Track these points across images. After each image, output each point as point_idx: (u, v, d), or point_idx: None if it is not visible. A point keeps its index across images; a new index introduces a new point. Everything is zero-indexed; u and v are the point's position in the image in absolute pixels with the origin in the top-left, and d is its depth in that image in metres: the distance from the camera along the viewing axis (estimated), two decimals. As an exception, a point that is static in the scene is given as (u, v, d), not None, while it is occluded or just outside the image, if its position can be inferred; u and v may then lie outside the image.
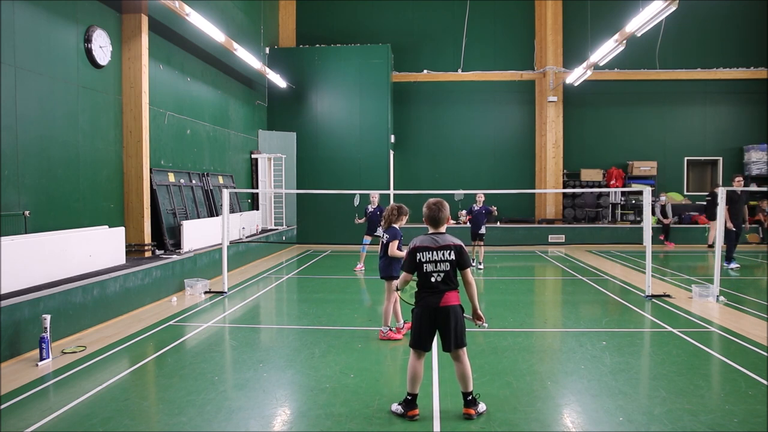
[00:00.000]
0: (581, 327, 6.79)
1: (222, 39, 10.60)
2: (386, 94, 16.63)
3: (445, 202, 4.19)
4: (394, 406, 4.10)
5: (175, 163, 10.68)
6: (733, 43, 17.59)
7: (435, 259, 3.98)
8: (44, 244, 6.49)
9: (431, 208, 4.14)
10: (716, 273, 8.24)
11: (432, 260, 3.98)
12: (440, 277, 3.97)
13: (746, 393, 4.47)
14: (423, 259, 3.99)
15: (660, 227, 15.95)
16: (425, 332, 4.02)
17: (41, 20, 7.07)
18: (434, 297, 3.97)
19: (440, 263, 3.98)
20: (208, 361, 5.43)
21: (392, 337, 6.08)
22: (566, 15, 17.47)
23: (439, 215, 4.11)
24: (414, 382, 4.03)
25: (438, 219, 4.12)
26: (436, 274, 3.98)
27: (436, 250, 3.99)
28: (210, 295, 8.73)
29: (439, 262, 3.98)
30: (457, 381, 4.12)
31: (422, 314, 4.01)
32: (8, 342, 5.35)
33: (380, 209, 11.00)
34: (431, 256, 3.99)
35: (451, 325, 3.96)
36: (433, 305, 3.96)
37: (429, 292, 3.99)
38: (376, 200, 11.14)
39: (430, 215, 4.15)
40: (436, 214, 4.12)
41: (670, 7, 9.06)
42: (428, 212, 4.16)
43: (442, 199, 4.22)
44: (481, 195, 11.05)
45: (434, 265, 3.98)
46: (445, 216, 4.15)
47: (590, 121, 17.97)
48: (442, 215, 4.12)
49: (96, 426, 3.89)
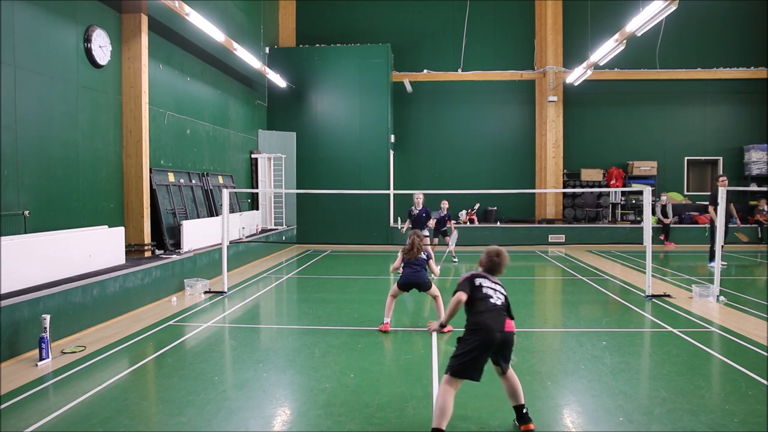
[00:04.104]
0: (581, 327, 6.79)
1: (222, 39, 10.59)
2: (386, 94, 16.62)
3: (507, 255, 4.03)
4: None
5: (175, 162, 10.68)
6: (733, 43, 17.59)
7: (494, 287, 3.88)
8: (44, 244, 6.48)
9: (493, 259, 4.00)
10: (716, 273, 8.24)
11: (491, 287, 3.87)
12: (499, 302, 3.81)
13: (746, 393, 4.47)
14: (484, 284, 3.87)
15: (660, 227, 15.95)
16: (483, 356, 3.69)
17: (41, 20, 7.07)
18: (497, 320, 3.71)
19: (498, 292, 3.87)
20: (208, 361, 5.43)
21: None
22: (566, 15, 17.47)
23: (499, 267, 4.00)
24: (442, 417, 3.55)
25: (495, 270, 4.01)
26: (496, 297, 3.83)
27: (493, 281, 3.92)
28: (210, 295, 8.72)
29: (497, 291, 3.87)
30: (509, 398, 3.92)
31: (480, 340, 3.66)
32: (8, 342, 5.35)
33: (425, 210, 10.99)
34: (490, 284, 3.89)
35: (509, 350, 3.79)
36: (498, 330, 3.67)
37: (489, 313, 3.73)
38: (420, 201, 11.08)
39: (490, 264, 4.01)
40: (497, 266, 4.00)
41: (670, 7, 9.07)
42: (489, 262, 4.02)
43: (503, 249, 4.05)
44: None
45: (493, 291, 3.85)
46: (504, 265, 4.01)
47: (590, 121, 17.97)
48: (502, 266, 4.00)
49: (96, 426, 3.89)
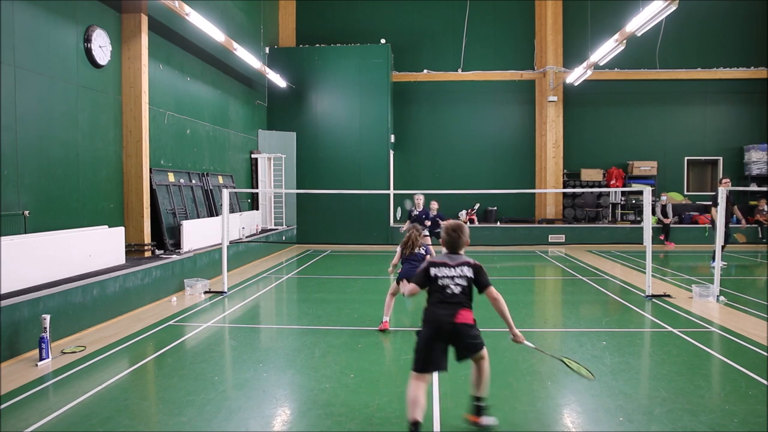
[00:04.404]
0: (581, 327, 6.79)
1: (222, 39, 10.59)
2: (386, 94, 16.62)
3: (465, 227, 3.95)
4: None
5: (175, 162, 10.68)
6: (733, 43, 17.59)
7: (452, 274, 3.76)
8: (44, 244, 6.48)
9: (450, 234, 3.89)
10: (716, 273, 8.24)
11: (449, 275, 3.76)
12: (457, 290, 3.72)
13: (746, 393, 4.47)
14: (439, 274, 3.76)
15: (660, 227, 15.94)
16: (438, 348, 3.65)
17: (41, 20, 7.07)
18: (449, 311, 3.66)
19: (457, 278, 3.75)
20: (208, 361, 5.43)
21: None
22: (566, 15, 17.47)
23: (459, 241, 3.88)
24: (414, 407, 3.57)
25: (456, 245, 3.89)
26: (454, 285, 3.73)
27: (453, 266, 3.79)
28: (210, 295, 8.72)
29: (456, 277, 3.75)
30: (471, 384, 3.91)
31: (430, 331, 3.65)
32: (8, 342, 5.35)
33: (425, 212, 11.03)
34: (448, 272, 3.77)
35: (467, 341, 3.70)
36: (448, 321, 3.63)
37: (441, 305, 3.69)
38: (420, 203, 11.12)
39: (449, 240, 3.90)
40: (456, 240, 3.88)
41: (670, 7, 9.07)
42: (447, 237, 3.92)
43: (461, 222, 3.99)
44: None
45: (451, 279, 3.75)
46: (464, 241, 3.91)
47: (590, 121, 17.97)
48: (462, 241, 3.89)
49: (96, 426, 3.89)
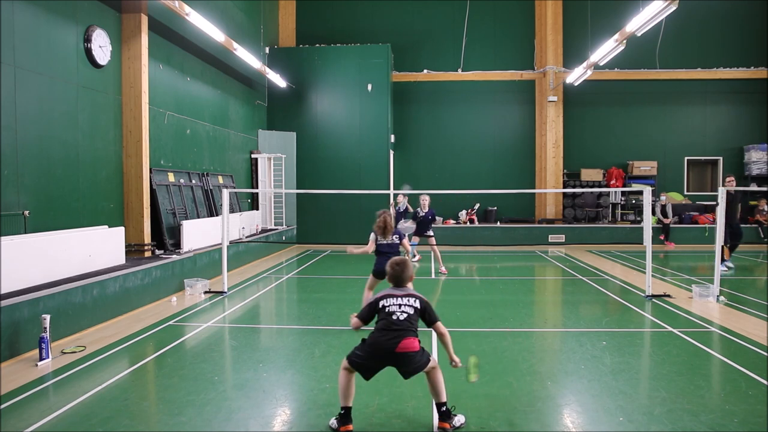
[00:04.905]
0: (581, 327, 6.78)
1: (222, 39, 10.59)
2: (386, 94, 16.61)
3: (409, 263, 4.06)
4: (331, 421, 3.87)
5: (175, 162, 10.68)
6: (733, 43, 17.59)
7: (399, 303, 3.84)
8: (44, 244, 6.48)
9: (395, 268, 3.98)
10: (716, 273, 8.24)
11: (396, 303, 3.84)
12: (402, 316, 3.78)
13: (746, 393, 4.47)
14: (386, 303, 3.83)
15: (660, 227, 15.95)
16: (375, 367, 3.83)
17: (41, 20, 7.07)
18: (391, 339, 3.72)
19: (404, 306, 3.83)
20: (208, 361, 5.43)
21: None
22: (566, 15, 17.46)
23: (402, 275, 3.97)
24: (346, 397, 3.81)
25: (401, 279, 3.98)
26: (400, 313, 3.79)
27: (400, 296, 3.88)
28: (210, 295, 8.72)
29: (404, 305, 3.83)
30: (431, 394, 3.93)
31: (371, 355, 3.77)
32: (8, 342, 5.35)
33: (431, 213, 11.06)
34: (395, 300, 3.85)
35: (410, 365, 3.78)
36: (389, 350, 3.71)
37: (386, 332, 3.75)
38: (426, 204, 11.15)
39: (393, 275, 3.99)
40: (400, 274, 3.97)
41: (670, 7, 9.06)
42: (392, 272, 4.00)
43: (405, 258, 4.12)
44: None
45: (398, 307, 3.82)
46: (408, 276, 3.99)
47: (590, 121, 17.97)
48: (405, 275, 3.98)
49: (96, 426, 3.89)
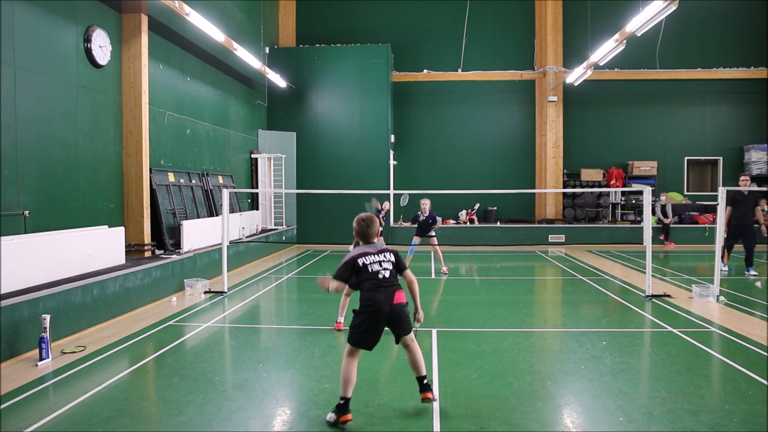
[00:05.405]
0: (581, 327, 6.78)
1: (222, 39, 10.59)
2: (386, 94, 16.62)
3: (375, 218, 4.32)
4: (328, 415, 3.92)
5: (175, 162, 10.68)
6: (733, 43, 17.59)
7: (378, 259, 4.08)
8: (44, 244, 6.48)
9: (360, 224, 4.26)
10: (716, 273, 8.23)
11: (376, 261, 4.07)
12: (387, 274, 4.03)
13: (746, 393, 4.47)
14: (366, 261, 4.05)
15: (660, 227, 15.95)
16: (376, 330, 3.99)
17: (41, 20, 7.07)
18: (386, 295, 3.96)
19: (384, 263, 4.08)
20: (208, 361, 5.43)
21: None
22: (566, 15, 17.47)
23: (368, 231, 4.24)
24: (347, 385, 3.92)
25: (368, 234, 4.24)
26: (383, 270, 4.04)
27: (375, 253, 4.10)
28: (210, 295, 8.72)
29: (383, 261, 4.08)
30: (411, 368, 4.16)
31: (371, 315, 3.94)
32: (8, 342, 5.35)
33: (432, 216, 11.10)
34: (374, 258, 4.07)
35: (404, 320, 4.03)
36: (386, 304, 3.94)
37: (379, 290, 3.97)
38: (427, 208, 11.21)
39: (360, 231, 4.27)
40: (365, 230, 4.24)
41: (670, 7, 9.06)
42: (358, 228, 4.27)
43: (372, 215, 4.35)
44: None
45: (379, 265, 4.06)
46: (374, 231, 4.26)
47: (590, 121, 17.97)
48: (371, 230, 4.24)
49: (96, 426, 3.89)
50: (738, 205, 10.21)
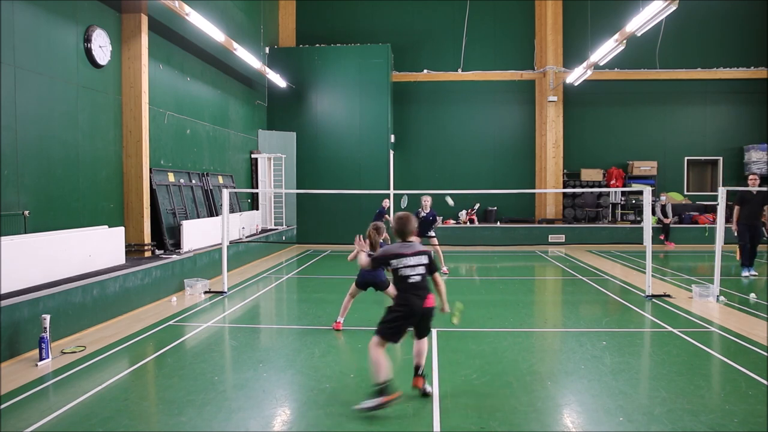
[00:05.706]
0: (581, 327, 6.78)
1: (222, 39, 10.59)
2: (386, 94, 16.62)
3: (413, 217, 4.43)
4: (366, 404, 4.01)
5: (175, 162, 10.68)
6: (733, 43, 17.59)
7: (411, 263, 4.21)
8: (44, 244, 6.48)
9: (399, 221, 4.38)
10: (716, 273, 8.23)
11: (409, 265, 4.20)
12: (419, 278, 4.20)
13: (746, 393, 4.47)
14: (399, 265, 4.19)
15: (660, 227, 15.95)
16: (406, 327, 4.24)
17: (41, 20, 7.07)
18: (420, 299, 4.18)
19: (417, 267, 4.22)
20: (208, 361, 5.43)
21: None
22: (566, 15, 17.46)
23: (405, 228, 4.34)
24: (381, 370, 4.05)
25: (405, 232, 4.34)
26: (415, 275, 4.19)
27: (410, 255, 4.22)
28: (210, 295, 8.72)
29: (416, 266, 4.22)
30: (414, 356, 4.44)
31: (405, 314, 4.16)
32: (8, 342, 5.35)
33: (432, 213, 11.08)
34: (406, 261, 4.20)
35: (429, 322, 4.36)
36: (419, 307, 4.17)
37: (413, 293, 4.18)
38: (428, 204, 11.19)
39: (398, 229, 4.38)
40: (403, 227, 4.34)
41: (670, 7, 9.06)
42: (396, 226, 4.40)
43: (410, 214, 4.47)
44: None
45: (412, 269, 4.20)
46: (412, 229, 4.35)
47: (590, 121, 17.97)
48: (409, 228, 4.34)
49: (96, 426, 3.89)
50: (746, 204, 10.15)
